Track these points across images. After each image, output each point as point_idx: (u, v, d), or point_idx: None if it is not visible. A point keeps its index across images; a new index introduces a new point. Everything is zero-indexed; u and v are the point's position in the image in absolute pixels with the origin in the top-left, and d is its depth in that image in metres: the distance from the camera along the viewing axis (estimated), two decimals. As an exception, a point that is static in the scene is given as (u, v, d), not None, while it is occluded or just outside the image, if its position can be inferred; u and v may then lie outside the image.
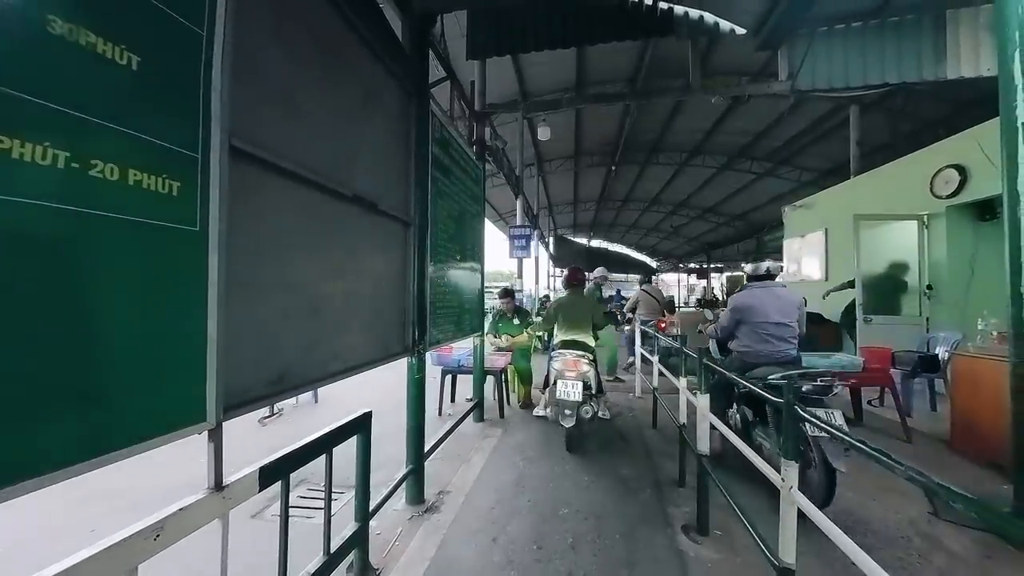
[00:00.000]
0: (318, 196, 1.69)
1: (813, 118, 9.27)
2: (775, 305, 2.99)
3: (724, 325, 3.19)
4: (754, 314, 3.01)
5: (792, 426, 1.33)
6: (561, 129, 11.27)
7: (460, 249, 3.51)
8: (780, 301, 3.01)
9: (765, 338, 2.96)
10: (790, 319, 2.98)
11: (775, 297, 3.03)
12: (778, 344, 2.95)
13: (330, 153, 1.78)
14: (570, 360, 3.45)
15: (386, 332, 2.34)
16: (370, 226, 2.13)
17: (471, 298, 3.90)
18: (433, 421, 4.45)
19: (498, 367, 4.62)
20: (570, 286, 4.26)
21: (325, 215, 1.74)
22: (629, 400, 5.22)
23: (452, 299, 3.31)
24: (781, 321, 2.96)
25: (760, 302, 3.02)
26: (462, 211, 3.58)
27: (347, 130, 1.92)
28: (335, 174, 1.78)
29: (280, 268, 1.49)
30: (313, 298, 1.66)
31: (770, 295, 3.04)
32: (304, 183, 1.59)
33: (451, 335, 3.29)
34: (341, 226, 1.85)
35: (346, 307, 1.89)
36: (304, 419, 4.64)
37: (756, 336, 3.00)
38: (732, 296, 3.28)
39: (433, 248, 2.86)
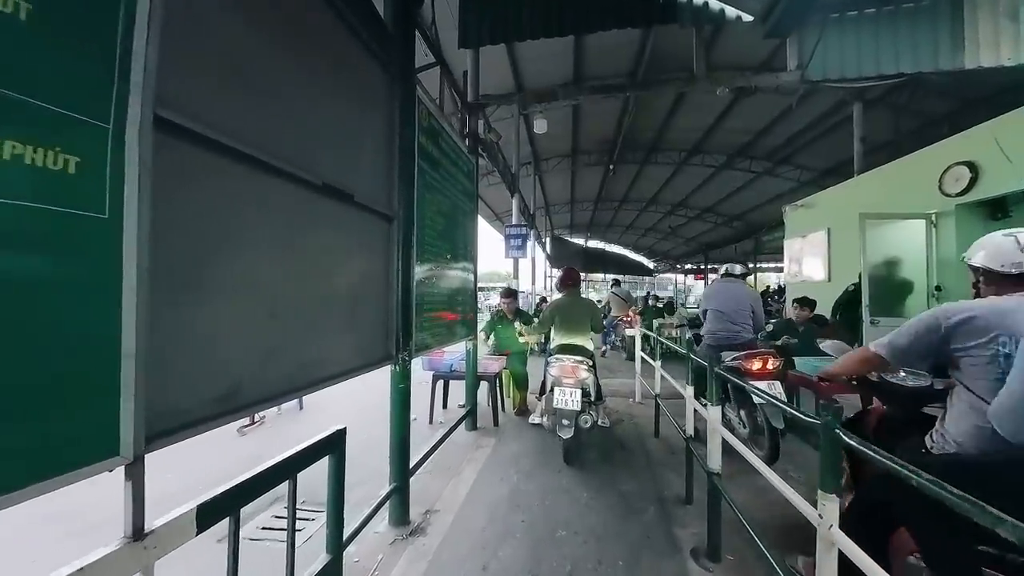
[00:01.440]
0: (279, 184, 1.48)
1: (815, 115, 9.13)
2: (732, 296, 3.78)
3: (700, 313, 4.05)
4: (714, 302, 3.82)
5: (831, 453, 1.13)
6: (558, 127, 11.09)
7: (451, 247, 3.31)
8: (735, 293, 3.79)
9: (724, 322, 3.71)
10: (742, 307, 3.71)
11: (733, 290, 3.83)
12: (733, 327, 3.67)
13: (295, 136, 1.57)
14: (568, 366, 3.25)
15: (366, 338, 2.13)
16: (346, 220, 1.93)
17: (463, 300, 3.70)
18: (424, 429, 4.25)
19: (492, 372, 4.42)
20: (565, 287, 4.07)
21: (289, 206, 1.53)
22: (629, 406, 5.03)
23: (441, 301, 3.11)
24: (735, 308, 3.70)
25: (721, 293, 3.85)
26: (453, 207, 3.38)
27: (318, 112, 1.72)
28: (300, 159, 1.57)
29: (230, 266, 1.28)
30: (274, 301, 1.46)
31: (728, 288, 3.85)
32: (261, 167, 1.39)
33: (440, 339, 3.08)
34: (310, 219, 1.65)
35: (317, 311, 1.69)
36: (287, 427, 4.42)
37: (716, 321, 3.75)
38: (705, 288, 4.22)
39: (420, 246, 2.66)
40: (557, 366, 3.29)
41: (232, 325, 1.28)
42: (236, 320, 1.30)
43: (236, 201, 1.31)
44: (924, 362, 1.59)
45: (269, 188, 1.43)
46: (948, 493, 0.74)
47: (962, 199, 4.90)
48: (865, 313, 5.30)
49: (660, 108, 9.98)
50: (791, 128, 10.12)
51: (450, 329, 3.33)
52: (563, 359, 3.32)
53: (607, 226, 28.54)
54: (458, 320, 3.58)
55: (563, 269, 4.25)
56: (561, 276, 4.16)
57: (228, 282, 1.28)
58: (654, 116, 10.51)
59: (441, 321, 3.09)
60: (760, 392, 1.80)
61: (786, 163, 12.15)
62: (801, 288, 8.64)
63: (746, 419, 3.20)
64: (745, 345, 3.54)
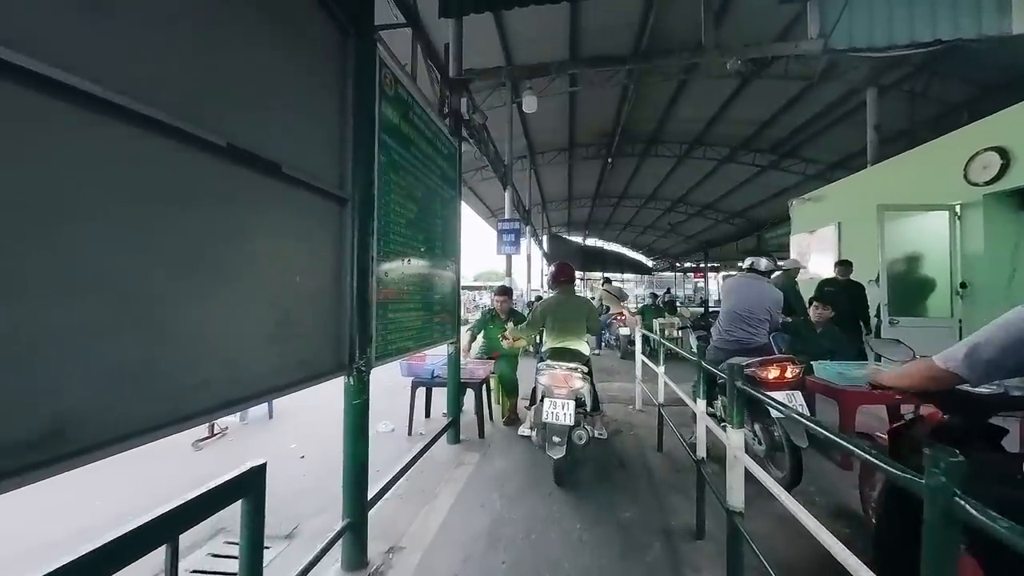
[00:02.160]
0: (158, 142, 1.09)
1: (824, 104, 8.77)
2: (751, 295, 3.31)
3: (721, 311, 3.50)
4: (731, 300, 3.37)
5: (943, 535, 0.75)
6: (554, 119, 10.71)
7: (426, 239, 2.93)
8: (755, 293, 3.32)
9: (738, 324, 3.28)
10: (760, 310, 3.26)
11: (753, 288, 3.35)
12: (748, 331, 3.25)
13: (185, 80, 1.18)
14: (560, 375, 2.87)
15: (307, 345, 1.75)
16: (271, 198, 1.54)
17: (442, 299, 3.32)
18: (401, 442, 3.87)
19: (478, 378, 4.04)
20: (558, 284, 3.69)
21: (172, 173, 1.14)
22: (628, 414, 4.66)
23: (413, 300, 2.72)
24: (752, 309, 3.26)
25: (740, 291, 3.37)
26: (429, 193, 3.00)
27: (226, 55, 1.33)
28: (191, 110, 1.18)
29: (71, 249, 0.90)
30: (149, 298, 1.07)
31: (749, 286, 3.37)
32: (120, 115, 1.00)
33: (412, 345, 2.70)
34: (206, 192, 1.26)
35: (222, 313, 1.30)
36: (251, 439, 4.03)
37: (730, 322, 3.31)
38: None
39: (383, 234, 2.28)
40: (547, 374, 2.91)
41: (71, 332, 0.90)
42: (78, 325, 0.92)
43: (84, 160, 0.92)
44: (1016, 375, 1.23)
45: (144, 148, 1.04)
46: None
47: (991, 188, 4.55)
48: (884, 312, 4.94)
49: (661, 97, 9.62)
50: (797, 119, 9.79)
51: (425, 332, 2.95)
52: (554, 366, 2.94)
53: (605, 223, 28.20)
54: (436, 321, 3.19)
55: (555, 264, 3.87)
56: (553, 271, 3.79)
57: (70, 273, 0.90)
58: (654, 106, 10.15)
59: (413, 323, 2.71)
60: (781, 406, 1.48)
61: (792, 156, 11.82)
62: (810, 286, 8.30)
63: (761, 435, 2.83)
64: (758, 351, 3.17)
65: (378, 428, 4.16)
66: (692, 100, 9.53)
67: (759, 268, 3.44)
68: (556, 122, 11.03)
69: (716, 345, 3.37)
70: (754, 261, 3.47)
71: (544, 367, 3.00)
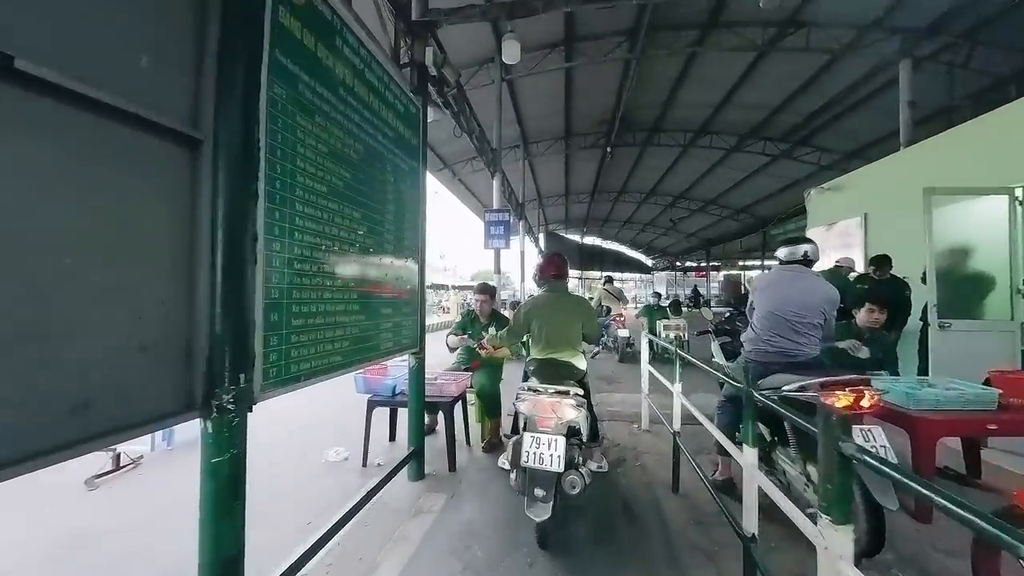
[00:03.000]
0: None
1: (847, 83, 8.06)
2: (796, 292, 2.53)
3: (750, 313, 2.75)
4: (769, 299, 2.60)
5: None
6: (548, 102, 10.00)
7: (368, 217, 2.21)
8: (806, 289, 2.53)
9: (780, 329, 2.53)
10: (812, 312, 2.50)
11: (801, 283, 2.56)
12: (794, 340, 2.50)
13: None
14: (545, 402, 2.16)
15: (100, 374, 1.03)
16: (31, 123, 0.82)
17: (397, 298, 2.60)
18: (352, 477, 3.15)
19: (450, 396, 3.33)
20: (547, 279, 2.99)
21: None
22: (633, 435, 3.96)
23: (344, 298, 2.00)
24: (800, 311, 2.50)
25: (780, 287, 2.61)
26: (374, 157, 2.28)
27: None
28: None
29: None
30: None
31: (795, 280, 2.59)
32: None
33: (341, 360, 1.97)
34: None
35: None
36: (170, 472, 3.29)
37: (769, 328, 2.56)
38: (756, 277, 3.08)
39: (281, 201, 1.56)
40: (529, 400, 2.19)
41: None
42: None
43: None
44: None
45: None
46: None
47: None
48: (932, 314, 4.26)
49: (665, 76, 8.91)
50: (813, 103, 9.10)
51: (367, 341, 2.23)
52: (538, 389, 2.22)
53: (604, 221, 27.59)
54: (387, 328, 2.48)
55: (545, 256, 3.17)
56: (541, 264, 3.08)
57: None
58: (658, 88, 9.45)
59: (344, 330, 1.99)
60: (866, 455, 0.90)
61: (805, 145, 11.15)
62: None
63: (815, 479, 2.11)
64: (807, 366, 2.44)
65: (328, 456, 3.44)
66: (699, 80, 8.82)
67: (800, 256, 2.61)
68: (551, 107, 10.31)
69: (751, 357, 2.64)
70: (789, 250, 2.65)
71: (526, 389, 2.28)
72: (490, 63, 7.35)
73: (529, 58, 7.43)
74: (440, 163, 12.80)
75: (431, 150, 11.58)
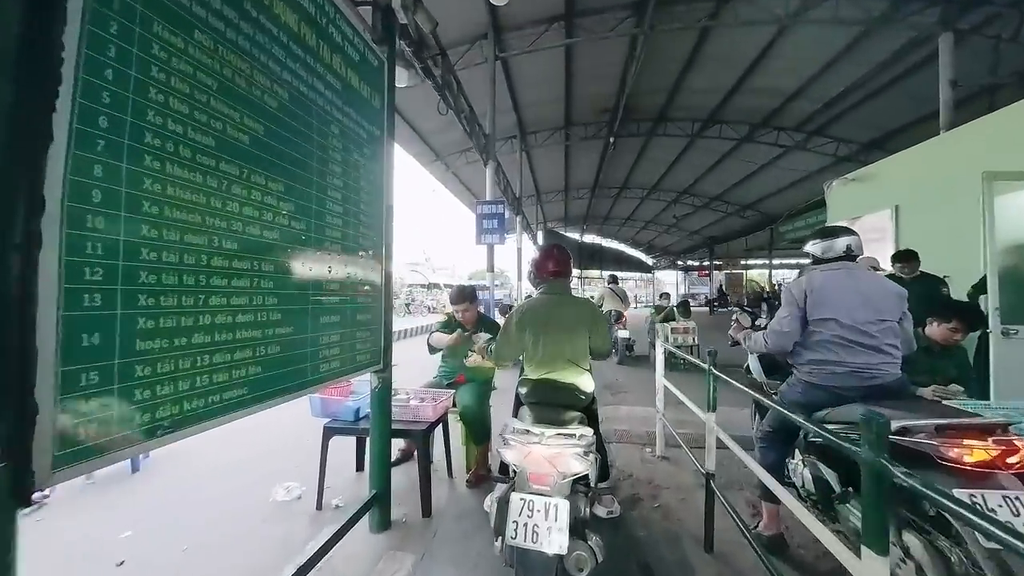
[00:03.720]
0: None
1: (874, 62, 7.45)
2: (862, 294, 2.00)
3: (786, 328, 2.09)
4: (830, 306, 2.01)
5: None
6: (547, 87, 9.40)
7: (296, 194, 1.61)
8: (871, 289, 2.02)
9: (847, 345, 1.96)
10: (889, 316, 1.98)
11: (863, 283, 2.04)
12: (870, 356, 1.93)
13: None
14: (541, 454, 1.55)
15: None
16: None
17: (347, 305, 2.01)
18: (301, 522, 2.55)
19: (425, 421, 2.73)
20: (546, 278, 2.40)
21: None
22: (647, 463, 3.38)
23: (252, 309, 1.40)
24: (874, 319, 1.95)
25: (839, 289, 2.03)
26: (304, 111, 1.68)
27: None
28: None
29: None
30: None
31: (852, 279, 2.05)
32: None
33: (247, 396, 1.38)
34: None
35: None
36: (74, 516, 2.69)
37: (832, 343, 1.99)
38: (793, 281, 2.33)
39: (121, 154, 0.97)
40: (519, 447, 1.59)
41: None
42: None
43: None
44: None
45: None
46: None
47: None
48: (993, 319, 3.69)
49: (674, 57, 8.30)
50: (833, 87, 8.49)
51: (294, 363, 1.63)
52: (532, 433, 1.62)
53: (604, 218, 27.04)
54: (330, 343, 1.88)
55: (542, 249, 2.57)
56: (537, 258, 2.48)
57: None
58: (664, 72, 8.85)
59: (250, 351, 1.39)
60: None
61: (820, 135, 10.57)
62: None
63: (929, 554, 1.52)
64: (891, 392, 1.90)
65: (276, 495, 2.84)
66: (711, 62, 8.23)
67: (850, 252, 2.12)
68: (549, 92, 9.70)
69: (810, 379, 2.05)
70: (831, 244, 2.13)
71: (513, 430, 1.68)
72: (483, 40, 6.75)
73: (526, 34, 6.83)
74: (432, 155, 12.21)
75: (421, 140, 10.99)
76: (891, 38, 6.66)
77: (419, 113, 9.28)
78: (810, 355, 2.07)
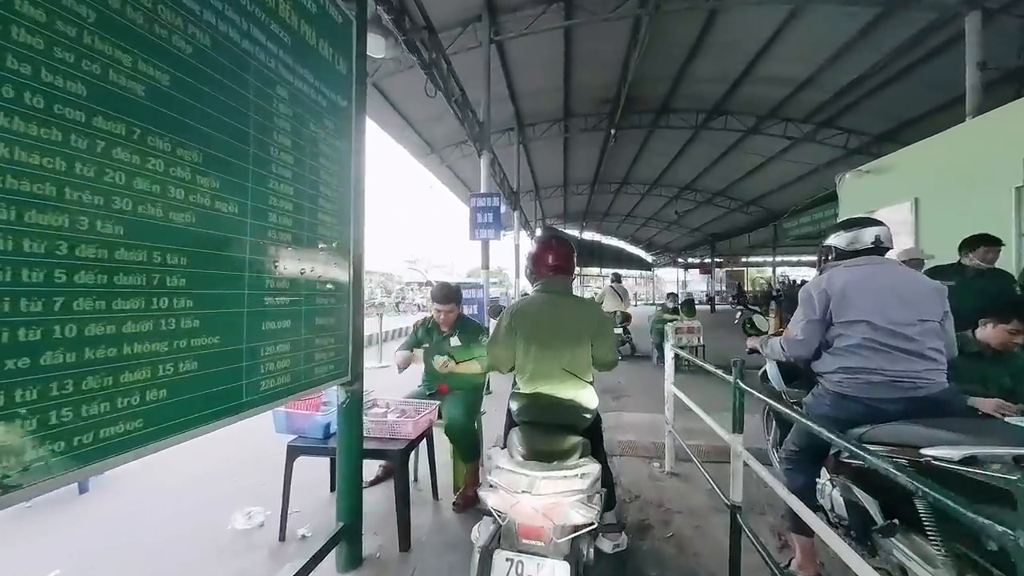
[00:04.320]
0: None
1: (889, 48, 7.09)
2: (898, 292, 1.73)
3: (801, 336, 1.88)
4: (860, 306, 1.73)
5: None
6: (545, 74, 9.04)
7: (219, 166, 1.28)
8: (906, 285, 1.75)
9: (884, 350, 1.68)
10: (931, 315, 1.71)
11: (897, 278, 1.77)
12: (911, 362, 1.65)
13: None
14: (532, 505, 1.22)
15: None
16: None
17: (300, 307, 1.67)
18: (260, 555, 2.22)
19: (403, 438, 2.41)
20: (542, 274, 2.07)
21: None
22: (655, 479, 3.07)
23: (151, 314, 1.07)
24: (914, 320, 1.68)
25: (869, 287, 1.75)
26: (233, 62, 1.34)
27: None
28: None
29: None
30: None
31: (887, 275, 1.79)
32: None
33: (142, 429, 1.04)
34: None
35: None
36: (7, 547, 2.36)
37: (865, 348, 1.71)
38: (814, 279, 2.01)
39: None
40: (504, 492, 1.25)
41: None
42: None
43: None
44: None
45: None
46: None
47: None
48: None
49: (678, 46, 7.94)
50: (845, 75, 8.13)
51: (223, 382, 1.30)
52: (518, 473, 1.28)
53: (604, 215, 26.69)
54: (280, 351, 1.55)
55: (539, 240, 2.24)
56: (535, 251, 2.15)
57: None
58: (669, 59, 8.48)
59: (148, 370, 1.06)
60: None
61: (830, 126, 10.23)
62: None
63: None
64: (939, 404, 1.63)
65: (236, 522, 2.51)
66: (718, 48, 7.85)
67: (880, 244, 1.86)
68: (548, 82, 9.34)
69: (843, 390, 1.76)
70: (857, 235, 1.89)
71: (497, 467, 1.34)
72: (477, 23, 6.39)
73: (523, 16, 6.47)
74: (427, 147, 11.84)
75: (414, 131, 10.63)
76: (910, 21, 6.32)
77: (411, 103, 8.92)
78: (839, 362, 1.79)
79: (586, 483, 1.30)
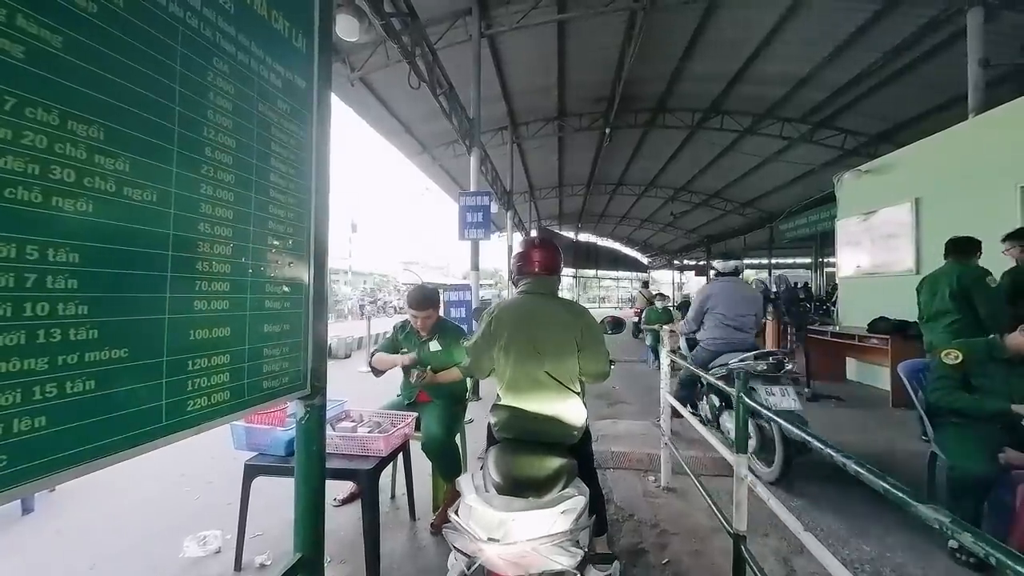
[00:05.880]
0: None
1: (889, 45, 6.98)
2: (739, 297, 3.56)
3: (691, 317, 3.77)
4: (720, 303, 3.55)
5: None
6: (538, 72, 8.88)
7: (128, 143, 1.07)
8: (744, 294, 3.62)
9: (728, 327, 3.51)
10: (751, 311, 3.55)
11: (740, 290, 3.64)
12: (739, 333, 3.50)
13: None
14: (506, 553, 1.02)
15: None
16: None
17: (243, 311, 1.46)
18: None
19: (373, 455, 2.20)
20: (527, 275, 1.88)
21: None
22: (650, 497, 2.87)
23: (30, 323, 0.86)
24: (744, 312, 3.52)
25: (727, 293, 3.58)
26: (141, 16, 1.13)
27: None
28: None
29: None
30: None
31: (736, 288, 3.65)
32: None
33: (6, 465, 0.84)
34: None
35: None
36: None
37: (721, 326, 3.53)
38: (702, 287, 4.17)
39: None
40: (467, 534, 1.06)
41: None
42: None
43: None
44: None
45: None
46: None
47: None
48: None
49: (674, 43, 7.82)
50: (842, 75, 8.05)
51: (137, 402, 1.09)
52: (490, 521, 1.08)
53: (599, 216, 26.63)
54: (216, 364, 1.34)
55: (526, 241, 2.05)
56: (520, 252, 1.96)
57: None
58: (665, 57, 8.36)
59: (12, 393, 0.85)
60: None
61: (827, 126, 10.14)
62: (869, 285, 6.63)
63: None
64: (748, 350, 3.35)
65: (187, 549, 2.29)
66: (714, 45, 7.74)
67: (741, 270, 3.84)
68: (542, 79, 9.18)
69: (708, 347, 3.58)
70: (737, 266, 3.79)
71: (469, 503, 1.14)
72: (467, 16, 6.21)
73: (515, 10, 6.30)
74: (418, 146, 11.65)
75: (407, 132, 10.43)
76: (910, 17, 6.21)
77: (401, 100, 8.73)
78: (709, 334, 3.58)
79: (569, 521, 1.10)
